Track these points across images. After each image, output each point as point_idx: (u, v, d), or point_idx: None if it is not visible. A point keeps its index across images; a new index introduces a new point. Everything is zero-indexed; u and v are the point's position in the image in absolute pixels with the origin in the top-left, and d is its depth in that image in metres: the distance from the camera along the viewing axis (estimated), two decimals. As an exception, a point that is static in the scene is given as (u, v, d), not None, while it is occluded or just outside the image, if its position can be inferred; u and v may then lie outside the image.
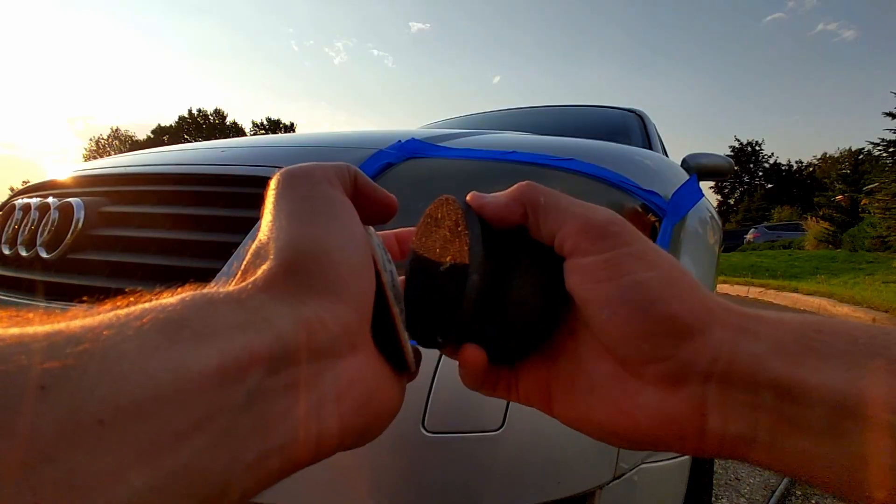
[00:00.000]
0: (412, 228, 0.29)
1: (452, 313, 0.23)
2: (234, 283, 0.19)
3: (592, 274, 0.22)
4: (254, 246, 0.21)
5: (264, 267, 0.20)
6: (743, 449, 0.20)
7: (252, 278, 0.19)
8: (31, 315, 0.15)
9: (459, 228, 0.24)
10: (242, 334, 0.16)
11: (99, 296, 0.65)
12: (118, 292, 0.71)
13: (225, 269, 0.57)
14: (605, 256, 0.22)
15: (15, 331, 0.13)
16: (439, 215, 0.26)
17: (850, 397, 0.17)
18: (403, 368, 0.24)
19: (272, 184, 0.23)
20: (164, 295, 0.17)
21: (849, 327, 0.19)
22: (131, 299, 0.17)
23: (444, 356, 0.51)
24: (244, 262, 0.21)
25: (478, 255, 0.23)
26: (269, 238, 0.21)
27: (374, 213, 0.26)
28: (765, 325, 0.20)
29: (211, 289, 0.18)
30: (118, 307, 0.16)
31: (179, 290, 0.17)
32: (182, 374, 0.14)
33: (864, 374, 0.17)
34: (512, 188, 0.25)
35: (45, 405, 0.12)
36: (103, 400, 0.12)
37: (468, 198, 0.25)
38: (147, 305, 0.16)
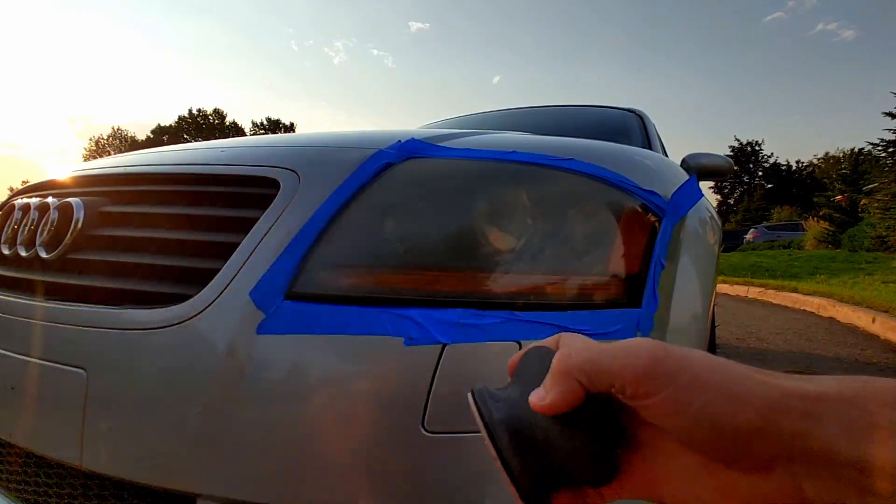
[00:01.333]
0: None
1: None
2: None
3: (655, 412, 0.25)
4: None
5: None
6: None
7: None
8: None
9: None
10: None
11: (99, 296, 0.65)
12: (118, 292, 0.70)
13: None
14: (661, 397, 0.24)
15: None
16: None
17: None
18: None
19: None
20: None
21: None
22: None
23: (443, 355, 0.51)
24: None
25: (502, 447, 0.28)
26: None
27: None
28: (828, 407, 0.22)
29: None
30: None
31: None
32: None
33: None
34: (550, 382, 0.28)
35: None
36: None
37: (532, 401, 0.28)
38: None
